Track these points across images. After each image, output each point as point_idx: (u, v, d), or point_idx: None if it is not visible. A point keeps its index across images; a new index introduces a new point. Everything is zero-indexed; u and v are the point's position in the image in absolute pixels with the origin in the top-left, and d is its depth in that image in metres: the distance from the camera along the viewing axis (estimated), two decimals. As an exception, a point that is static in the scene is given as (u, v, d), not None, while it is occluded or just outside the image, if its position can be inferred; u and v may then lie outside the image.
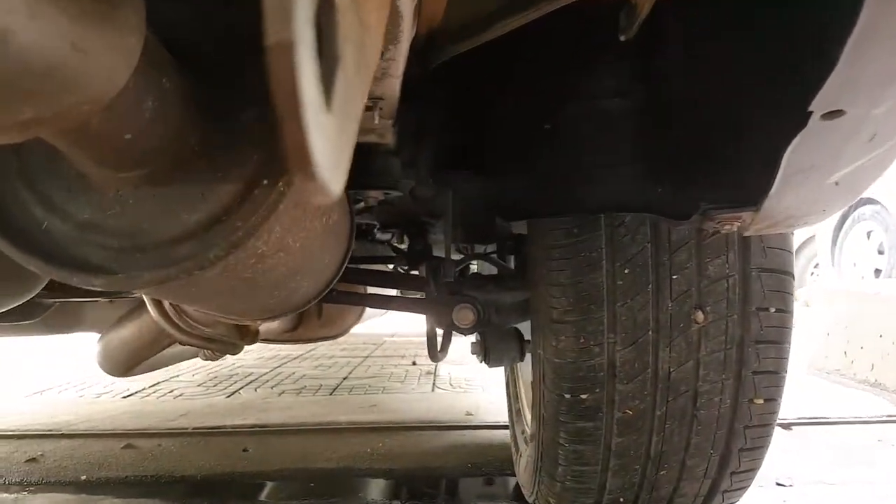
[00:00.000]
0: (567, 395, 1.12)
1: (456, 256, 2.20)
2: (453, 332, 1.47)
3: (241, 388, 3.19)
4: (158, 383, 3.32)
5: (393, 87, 0.86)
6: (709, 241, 1.03)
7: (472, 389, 2.97)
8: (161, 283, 0.52)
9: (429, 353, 1.60)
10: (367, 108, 0.92)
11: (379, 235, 2.39)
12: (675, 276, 1.04)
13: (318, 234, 0.72)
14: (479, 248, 2.17)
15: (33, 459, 1.93)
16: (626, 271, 1.06)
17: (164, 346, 1.26)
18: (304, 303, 0.95)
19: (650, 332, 1.07)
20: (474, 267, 2.67)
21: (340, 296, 1.41)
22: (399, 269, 2.11)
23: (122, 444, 2.06)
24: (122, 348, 1.24)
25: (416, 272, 2.01)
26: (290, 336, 2.14)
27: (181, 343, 1.15)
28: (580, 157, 1.00)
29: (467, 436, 2.09)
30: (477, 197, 1.25)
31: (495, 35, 0.81)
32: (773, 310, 1.06)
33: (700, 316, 1.05)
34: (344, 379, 3.36)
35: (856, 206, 5.55)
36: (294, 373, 3.61)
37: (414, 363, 3.91)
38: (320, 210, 0.69)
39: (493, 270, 2.41)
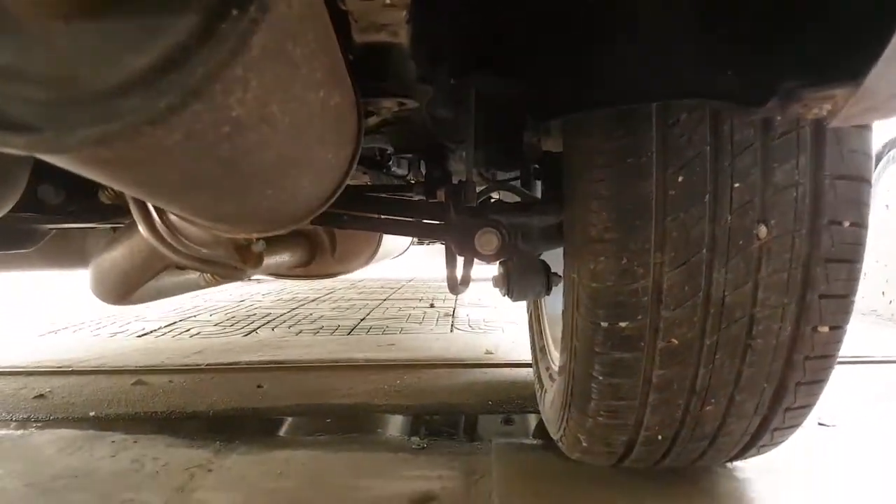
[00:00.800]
0: (604, 324, 1.00)
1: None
2: (475, 262, 1.35)
3: (259, 327, 3.12)
4: (174, 323, 3.26)
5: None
6: (778, 141, 0.88)
7: (492, 330, 2.87)
8: (100, 143, 0.40)
9: (448, 284, 1.49)
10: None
11: (395, 169, 2.26)
12: (736, 185, 0.90)
13: (314, 113, 0.59)
14: (503, 177, 2.03)
15: (41, 396, 1.87)
16: (679, 179, 0.92)
17: (159, 270, 1.15)
18: (307, 211, 0.82)
19: (704, 251, 0.94)
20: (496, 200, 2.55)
21: (353, 220, 1.29)
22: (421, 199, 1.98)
23: (132, 381, 2.00)
24: (112, 271, 1.14)
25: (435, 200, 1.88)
26: (303, 271, 2.04)
27: (176, 265, 1.04)
28: (627, 33, 0.85)
29: (487, 374, 1.99)
30: (504, 101, 1.11)
31: None
32: (847, 223, 0.92)
33: (763, 231, 0.91)
34: (361, 320, 3.28)
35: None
36: (311, 314, 3.53)
37: (432, 305, 3.82)
38: (315, 79, 0.56)
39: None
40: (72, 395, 1.88)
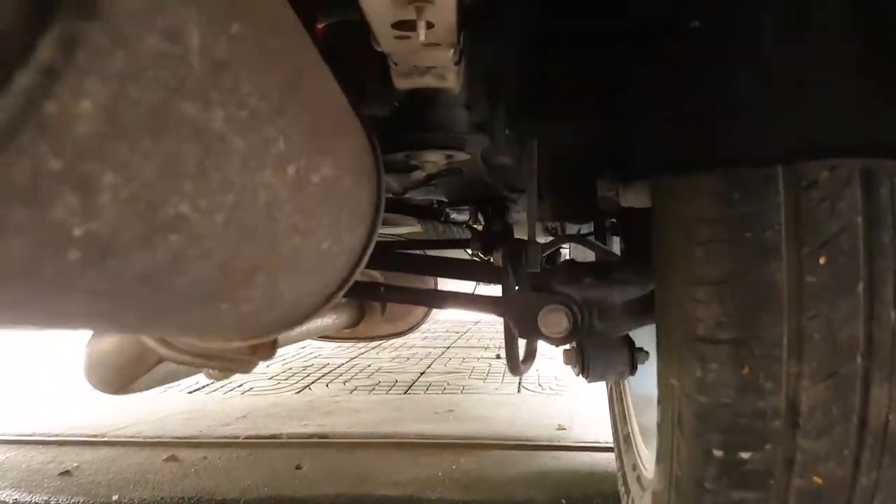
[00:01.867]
0: (717, 452, 0.73)
1: (543, 239, 1.83)
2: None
3: (313, 382, 2.94)
4: (230, 378, 3.13)
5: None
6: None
7: (564, 391, 2.58)
8: None
9: (508, 364, 1.24)
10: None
11: (455, 216, 2.05)
12: (908, 269, 0.63)
13: (280, 198, 0.38)
14: (573, 229, 1.78)
15: (67, 472, 1.73)
16: (820, 261, 0.66)
17: (154, 363, 0.97)
18: (302, 314, 0.61)
19: (858, 359, 0.68)
20: (566, 254, 2.28)
21: (390, 293, 1.06)
22: (475, 255, 1.75)
23: (165, 455, 1.83)
24: (103, 364, 0.97)
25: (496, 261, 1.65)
26: (350, 333, 1.84)
27: (172, 361, 0.85)
28: (752, 70, 0.60)
29: (560, 459, 1.72)
30: (572, 152, 0.87)
31: None
32: None
33: (950, 333, 0.64)
34: (421, 374, 3.06)
35: None
36: (370, 365, 3.34)
37: (498, 356, 3.56)
38: (275, 152, 0.35)
39: (591, 257, 2.02)
40: (99, 473, 1.72)
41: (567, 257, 2.31)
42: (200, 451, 1.88)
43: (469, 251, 1.64)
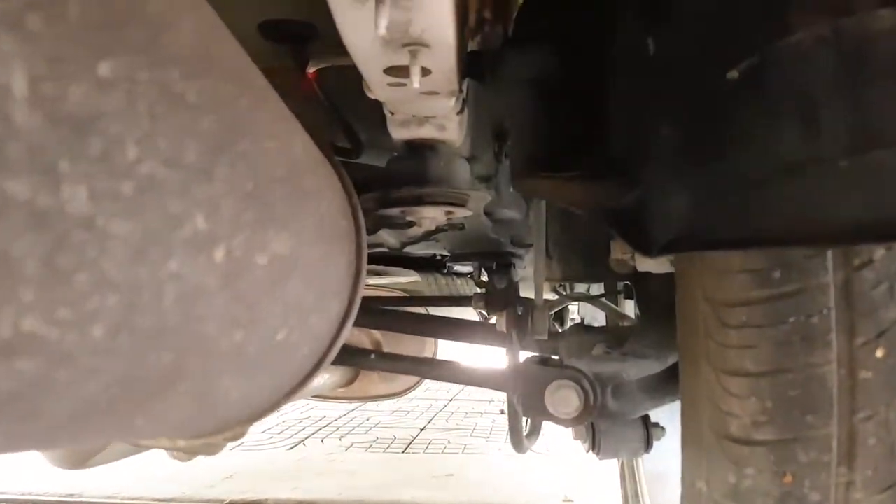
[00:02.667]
0: (755, 574, 0.62)
1: (551, 296, 1.72)
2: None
3: (308, 437, 2.81)
4: (220, 427, 3.00)
5: (439, 20, 0.48)
6: None
7: (573, 454, 2.44)
8: None
9: (511, 441, 1.13)
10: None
11: (457, 267, 1.95)
12: None
13: (200, 289, 0.29)
14: (582, 287, 1.68)
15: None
16: (877, 353, 0.56)
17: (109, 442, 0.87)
18: (259, 410, 0.51)
19: (923, 469, 0.57)
20: (573, 310, 2.17)
21: (381, 360, 0.96)
22: (481, 313, 1.65)
23: (139, 522, 1.70)
24: None
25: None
26: (344, 393, 1.73)
27: (129, 443, 0.75)
28: (793, 131, 0.51)
29: (566, 538, 1.58)
30: (585, 213, 0.78)
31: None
32: None
33: None
34: (421, 430, 2.92)
35: None
36: (368, 419, 3.20)
37: (502, 412, 3.41)
38: (191, 232, 0.26)
39: (599, 316, 1.91)
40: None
41: (574, 316, 2.21)
42: (179, 516, 1.75)
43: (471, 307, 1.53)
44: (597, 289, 1.58)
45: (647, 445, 1.13)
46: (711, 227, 0.56)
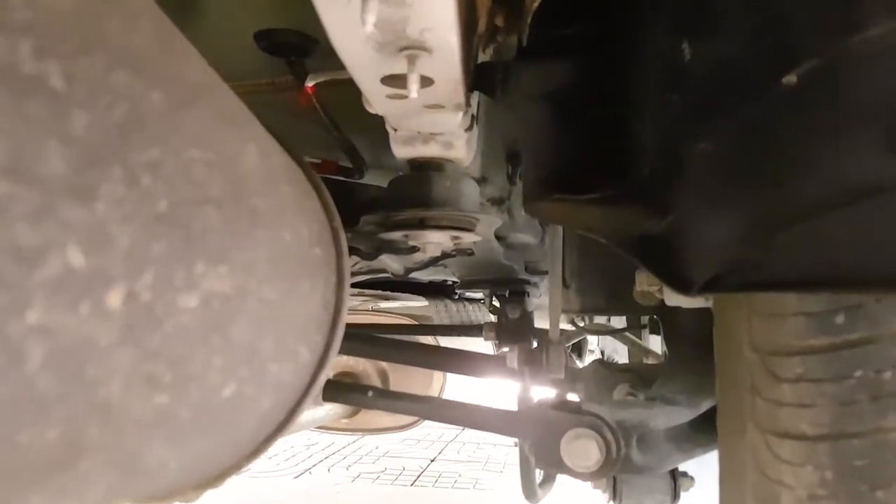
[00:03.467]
0: None
1: (567, 325, 1.62)
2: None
3: (315, 465, 2.72)
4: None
5: (441, 20, 0.42)
6: None
7: (592, 495, 2.31)
8: None
9: (523, 490, 1.03)
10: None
11: (468, 293, 1.87)
12: None
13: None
14: (602, 318, 1.57)
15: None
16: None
17: None
18: (214, 475, 0.42)
19: None
20: (594, 349, 2.06)
21: (378, 398, 0.87)
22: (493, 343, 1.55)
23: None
24: None
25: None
26: (347, 425, 1.65)
27: None
28: (869, 147, 0.42)
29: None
30: (606, 240, 0.69)
31: None
32: None
33: None
34: (431, 461, 2.81)
35: None
36: (377, 447, 3.10)
37: (516, 443, 3.30)
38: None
39: (621, 351, 1.81)
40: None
41: (593, 348, 2.10)
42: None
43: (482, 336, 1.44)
44: (618, 320, 1.48)
45: (674, 497, 1.02)
46: (763, 264, 0.46)
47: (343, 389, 0.88)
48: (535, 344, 1.10)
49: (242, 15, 0.75)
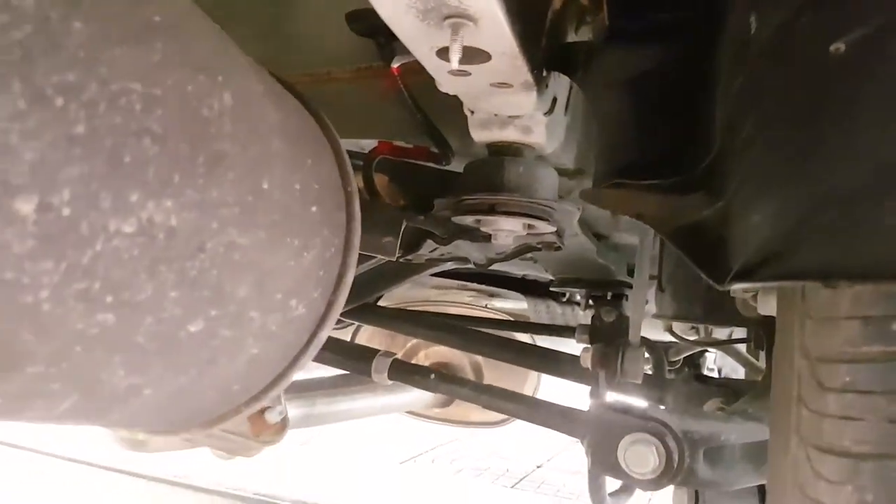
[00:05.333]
0: None
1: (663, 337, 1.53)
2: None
3: (420, 454, 2.77)
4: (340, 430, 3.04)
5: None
6: None
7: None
8: None
9: (591, 497, 0.99)
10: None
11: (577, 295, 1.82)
12: None
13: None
14: (723, 332, 1.47)
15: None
16: None
17: None
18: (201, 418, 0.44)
19: None
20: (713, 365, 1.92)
21: (440, 382, 0.87)
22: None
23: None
24: None
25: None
26: (439, 414, 1.67)
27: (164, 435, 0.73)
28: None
29: None
30: (657, 229, 0.65)
31: None
32: None
33: None
34: (538, 467, 2.77)
35: None
36: (484, 445, 3.10)
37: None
38: None
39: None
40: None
41: (712, 366, 1.96)
42: None
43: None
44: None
45: (761, 526, 0.94)
46: (801, 251, 0.42)
47: (407, 370, 0.90)
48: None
49: (337, 4, 0.78)
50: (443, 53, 0.52)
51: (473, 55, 0.53)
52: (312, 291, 0.44)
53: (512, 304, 1.88)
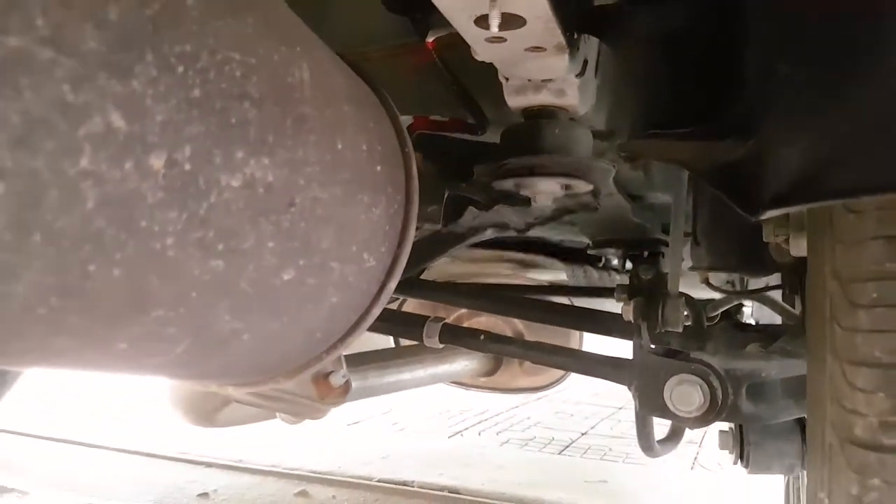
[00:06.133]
0: None
1: (712, 294, 1.56)
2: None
3: (466, 429, 2.84)
4: (389, 412, 3.12)
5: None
6: None
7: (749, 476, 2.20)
8: None
9: (640, 443, 1.03)
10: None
11: (615, 261, 1.85)
12: None
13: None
14: (759, 283, 1.49)
15: (205, 494, 1.79)
16: None
17: (224, 402, 0.93)
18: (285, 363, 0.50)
19: None
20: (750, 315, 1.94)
21: (491, 342, 0.92)
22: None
23: (297, 489, 1.82)
24: (183, 399, 0.94)
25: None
26: (486, 383, 1.72)
27: (235, 399, 0.79)
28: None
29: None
30: (693, 171, 0.68)
31: None
32: None
33: None
34: (582, 434, 2.81)
35: None
36: (529, 417, 3.16)
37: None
38: None
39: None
40: (233, 499, 1.76)
41: (749, 319, 1.98)
42: (331, 489, 1.85)
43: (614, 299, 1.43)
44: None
45: (805, 461, 0.97)
46: (829, 175, 0.45)
47: (458, 333, 0.94)
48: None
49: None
50: (481, 21, 0.56)
51: (510, 21, 0.56)
52: (380, 245, 0.49)
53: (550, 275, 1.92)
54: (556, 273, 1.84)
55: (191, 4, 0.30)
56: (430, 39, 0.84)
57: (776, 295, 1.32)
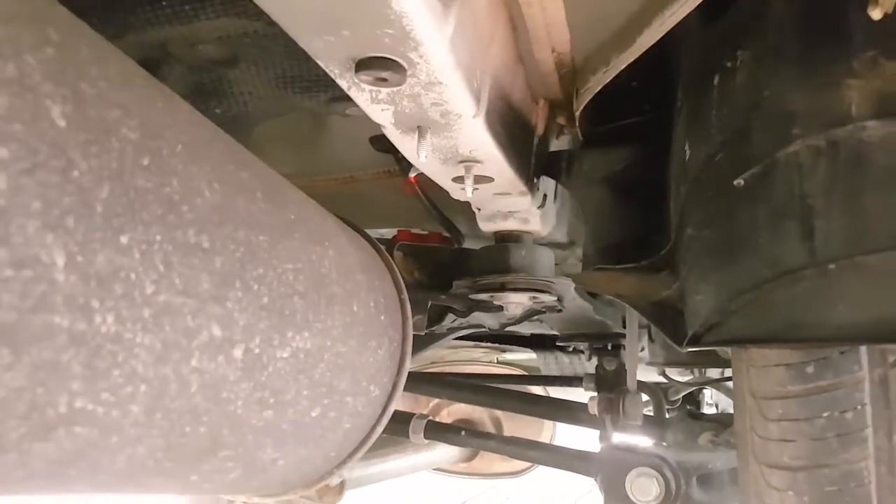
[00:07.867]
0: None
1: (681, 378, 1.68)
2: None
3: (447, 512, 2.86)
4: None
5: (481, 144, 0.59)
6: None
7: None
8: None
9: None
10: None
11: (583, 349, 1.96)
12: None
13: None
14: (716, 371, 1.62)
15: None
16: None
17: None
18: (301, 480, 0.60)
19: None
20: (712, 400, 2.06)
21: (470, 438, 1.02)
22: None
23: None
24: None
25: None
26: (465, 469, 1.79)
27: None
28: (792, 237, 0.53)
29: None
30: (632, 306, 0.81)
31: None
32: None
33: None
34: (560, 514, 2.85)
35: None
36: (508, 498, 3.19)
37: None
38: None
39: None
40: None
41: (710, 401, 2.09)
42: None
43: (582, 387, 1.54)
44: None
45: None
46: (729, 323, 0.58)
47: (441, 429, 1.04)
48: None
49: (360, 127, 0.97)
50: (458, 180, 0.69)
51: (480, 180, 0.70)
52: (384, 377, 0.60)
53: (520, 355, 2.03)
54: (526, 353, 1.95)
55: (262, 240, 0.42)
56: (412, 175, 0.98)
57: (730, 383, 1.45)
